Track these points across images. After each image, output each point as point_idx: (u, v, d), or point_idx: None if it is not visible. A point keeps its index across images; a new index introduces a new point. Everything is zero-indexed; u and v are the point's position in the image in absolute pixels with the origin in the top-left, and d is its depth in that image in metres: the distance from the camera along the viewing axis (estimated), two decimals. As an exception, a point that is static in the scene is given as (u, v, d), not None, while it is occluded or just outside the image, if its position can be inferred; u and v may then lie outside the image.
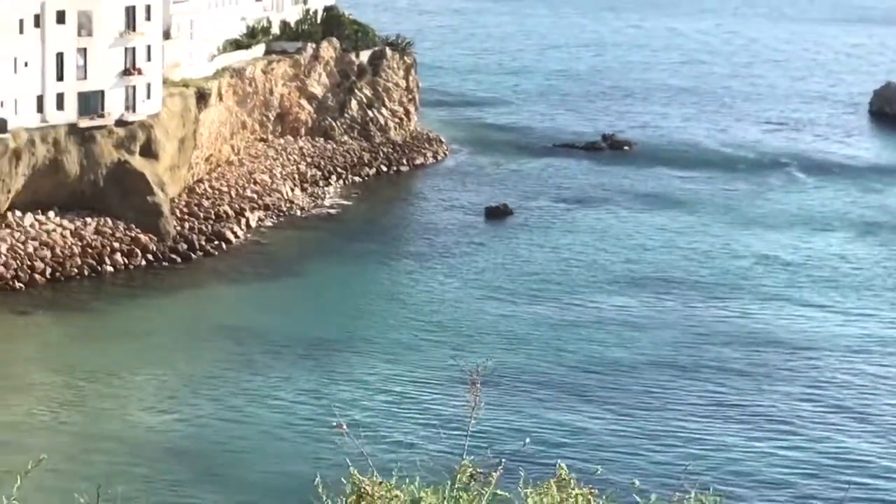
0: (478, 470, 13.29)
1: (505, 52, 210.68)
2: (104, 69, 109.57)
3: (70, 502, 12.68)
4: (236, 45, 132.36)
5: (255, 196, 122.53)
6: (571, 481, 13.17)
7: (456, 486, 13.15)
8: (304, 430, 78.96)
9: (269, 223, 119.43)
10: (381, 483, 12.93)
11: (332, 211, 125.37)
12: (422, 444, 75.58)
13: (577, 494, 13.05)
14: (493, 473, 13.26)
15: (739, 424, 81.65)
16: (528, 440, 72.29)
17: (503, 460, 13.66)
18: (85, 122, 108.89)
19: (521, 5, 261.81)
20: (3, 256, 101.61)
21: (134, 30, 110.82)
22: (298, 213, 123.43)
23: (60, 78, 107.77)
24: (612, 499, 13.39)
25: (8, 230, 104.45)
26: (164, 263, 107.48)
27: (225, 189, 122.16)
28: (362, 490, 12.85)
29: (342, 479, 13.07)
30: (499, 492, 13.22)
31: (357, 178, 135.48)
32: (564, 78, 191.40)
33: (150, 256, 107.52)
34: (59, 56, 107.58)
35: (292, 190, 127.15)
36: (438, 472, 14.11)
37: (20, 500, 12.09)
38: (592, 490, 13.23)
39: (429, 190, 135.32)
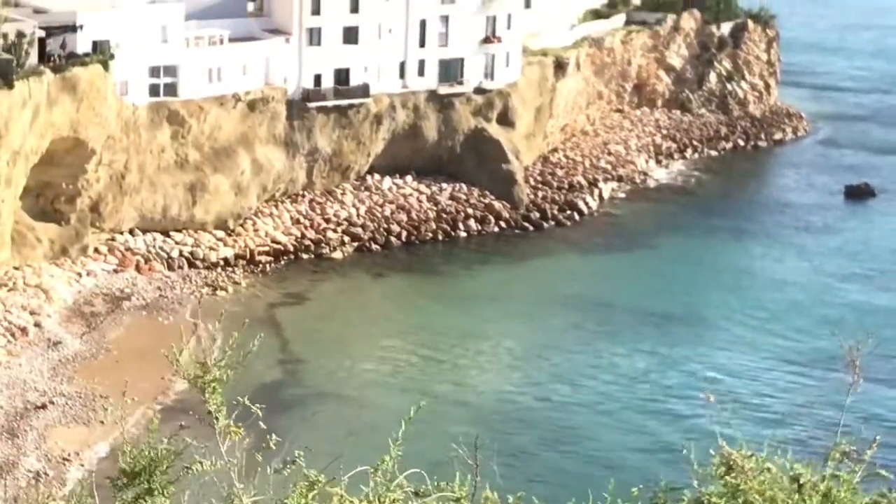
0: (851, 448, 12.19)
1: (877, 28, 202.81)
2: (465, 37, 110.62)
3: (418, 458, 12.25)
4: (596, 14, 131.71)
5: (608, 167, 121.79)
6: None
7: (829, 463, 12.08)
8: (649, 402, 78.01)
9: (621, 194, 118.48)
10: (751, 455, 11.92)
11: (687, 185, 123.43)
12: (790, 421, 73.82)
13: None
14: (867, 451, 12.13)
15: None
16: None
17: (878, 437, 12.46)
18: (444, 89, 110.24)
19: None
20: (361, 218, 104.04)
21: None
22: (652, 185, 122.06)
23: (422, 45, 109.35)
24: None
25: (367, 193, 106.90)
26: (517, 231, 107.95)
27: (579, 159, 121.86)
28: (731, 462, 11.87)
29: (710, 451, 12.11)
30: (881, 471, 12.06)
31: (713, 152, 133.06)
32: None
33: (502, 224, 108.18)
34: (423, 23, 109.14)
35: (647, 162, 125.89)
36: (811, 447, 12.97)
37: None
38: None
39: (786, 166, 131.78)
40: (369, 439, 60.04)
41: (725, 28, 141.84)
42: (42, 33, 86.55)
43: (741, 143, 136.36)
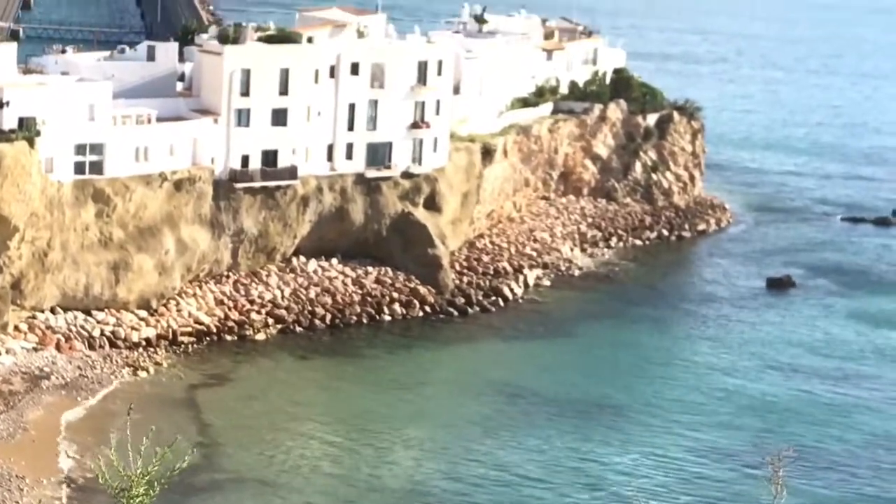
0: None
1: (801, 125, 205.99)
2: (394, 121, 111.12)
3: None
4: (524, 102, 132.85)
5: (534, 254, 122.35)
6: None
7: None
8: (569, 492, 77.89)
9: (546, 282, 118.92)
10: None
11: (611, 273, 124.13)
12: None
13: None
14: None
15: None
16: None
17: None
18: (372, 173, 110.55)
19: (833, 80, 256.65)
20: (286, 300, 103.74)
21: (425, 84, 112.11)
22: (577, 273, 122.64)
23: (351, 128, 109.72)
24: None
25: (292, 275, 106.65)
26: (442, 316, 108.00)
27: (505, 245, 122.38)
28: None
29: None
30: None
31: (637, 242, 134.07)
32: (860, 154, 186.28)
33: (427, 308, 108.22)
34: (352, 107, 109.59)
35: (572, 249, 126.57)
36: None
37: None
38: None
39: (710, 257, 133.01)
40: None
41: (651, 119, 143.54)
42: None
43: (665, 232, 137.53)
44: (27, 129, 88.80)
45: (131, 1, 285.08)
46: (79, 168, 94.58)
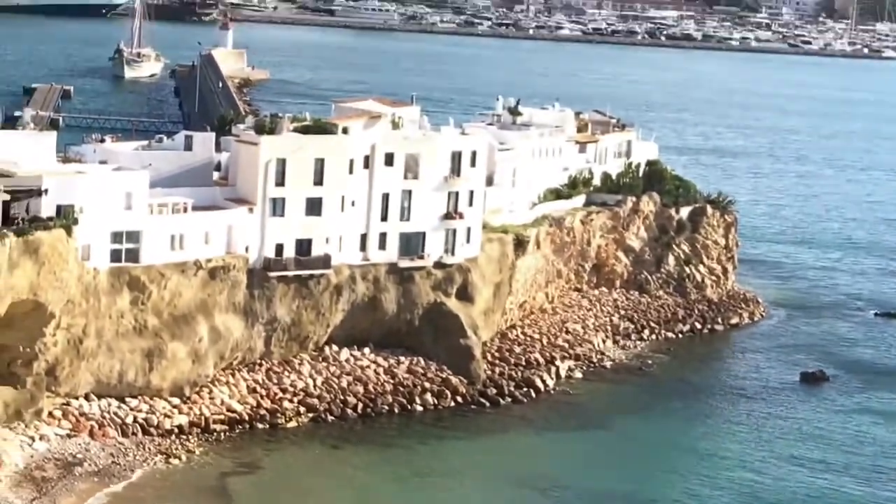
0: None
1: (835, 219, 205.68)
2: (427, 212, 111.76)
3: None
4: (557, 194, 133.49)
5: (566, 345, 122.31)
6: None
7: None
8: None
9: (578, 374, 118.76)
10: None
11: (643, 366, 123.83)
12: None
13: None
14: None
15: None
16: None
17: None
18: (405, 263, 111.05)
19: (867, 174, 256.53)
20: (318, 389, 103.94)
21: (458, 175, 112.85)
22: (609, 365, 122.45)
23: (384, 218, 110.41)
24: None
25: (324, 363, 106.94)
26: (473, 407, 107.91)
27: (537, 336, 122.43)
28: None
29: None
30: None
31: (670, 334, 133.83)
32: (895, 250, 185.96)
33: (459, 399, 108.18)
34: (385, 197, 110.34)
35: (604, 341, 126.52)
36: None
37: None
38: None
39: (742, 351, 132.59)
40: None
41: (684, 212, 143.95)
42: (6, 197, 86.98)
43: (698, 325, 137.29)
44: (65, 217, 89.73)
45: (170, 91, 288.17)
46: (115, 255, 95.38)
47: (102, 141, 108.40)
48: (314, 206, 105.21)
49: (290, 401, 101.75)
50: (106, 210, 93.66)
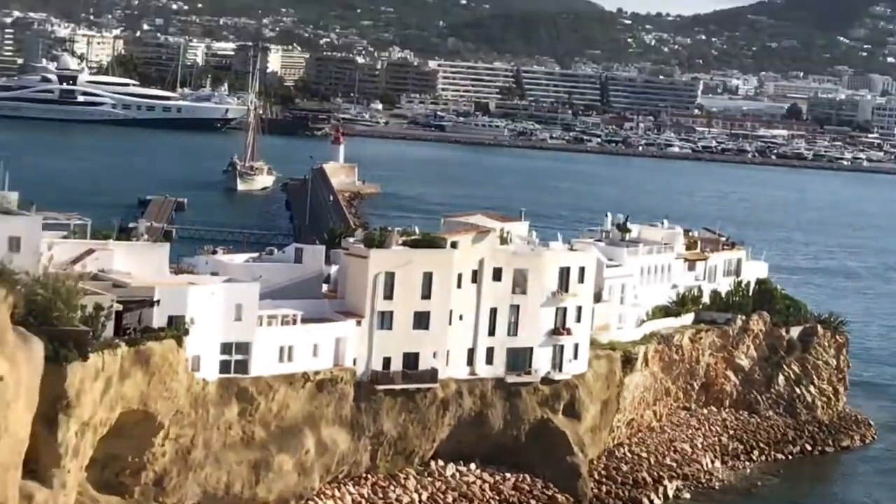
0: None
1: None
2: (534, 327, 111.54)
3: None
4: (665, 311, 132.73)
5: (674, 465, 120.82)
6: None
7: None
8: None
9: (686, 494, 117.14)
10: None
11: (753, 488, 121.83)
12: None
13: None
14: None
15: None
16: None
17: None
18: (512, 378, 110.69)
19: None
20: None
21: (566, 291, 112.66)
22: (717, 486, 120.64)
23: (492, 333, 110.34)
24: None
25: (430, 478, 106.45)
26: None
27: (644, 455, 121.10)
28: None
29: None
30: None
31: (780, 456, 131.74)
32: None
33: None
34: (493, 311, 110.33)
35: (712, 462, 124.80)
36: None
37: None
38: None
39: (853, 474, 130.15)
40: None
41: (794, 332, 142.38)
42: (120, 307, 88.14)
43: (808, 447, 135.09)
44: (176, 328, 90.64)
45: (281, 204, 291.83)
46: (224, 367, 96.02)
47: (214, 252, 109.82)
48: (422, 320, 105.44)
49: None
50: (216, 321, 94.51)
